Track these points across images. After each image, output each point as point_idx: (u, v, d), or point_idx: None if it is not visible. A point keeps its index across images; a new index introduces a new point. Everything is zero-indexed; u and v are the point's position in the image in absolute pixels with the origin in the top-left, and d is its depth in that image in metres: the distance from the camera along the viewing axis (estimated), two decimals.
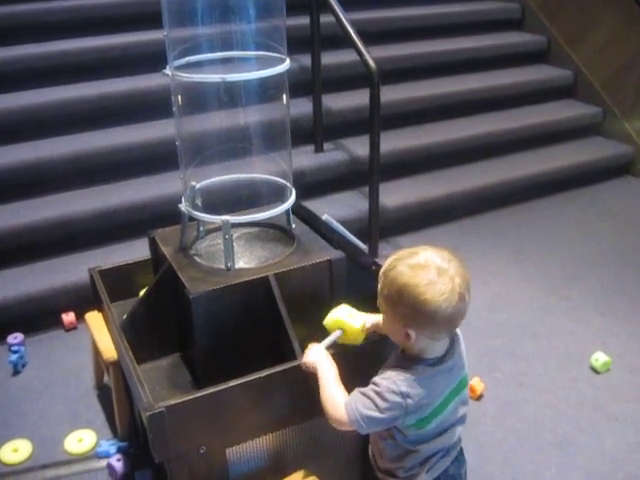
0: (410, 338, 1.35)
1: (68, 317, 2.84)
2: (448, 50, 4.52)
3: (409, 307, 1.32)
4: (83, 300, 2.63)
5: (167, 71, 1.87)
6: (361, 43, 3.04)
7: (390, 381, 1.36)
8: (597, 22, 4.54)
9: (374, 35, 4.05)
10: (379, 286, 1.39)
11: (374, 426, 1.40)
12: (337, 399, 1.44)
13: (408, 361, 1.39)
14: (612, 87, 4.54)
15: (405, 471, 1.47)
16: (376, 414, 1.36)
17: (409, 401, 1.34)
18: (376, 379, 1.39)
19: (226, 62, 2.13)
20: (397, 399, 1.34)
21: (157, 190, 3.20)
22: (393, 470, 1.49)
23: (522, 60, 4.82)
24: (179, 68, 1.91)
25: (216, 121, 2.42)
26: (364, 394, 1.39)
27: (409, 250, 1.38)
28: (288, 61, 1.91)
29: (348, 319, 1.61)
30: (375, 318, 1.62)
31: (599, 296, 3.06)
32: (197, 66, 2.03)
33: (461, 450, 1.58)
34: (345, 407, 1.40)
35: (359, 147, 3.58)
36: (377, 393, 1.36)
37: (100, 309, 2.18)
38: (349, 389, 1.46)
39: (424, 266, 1.32)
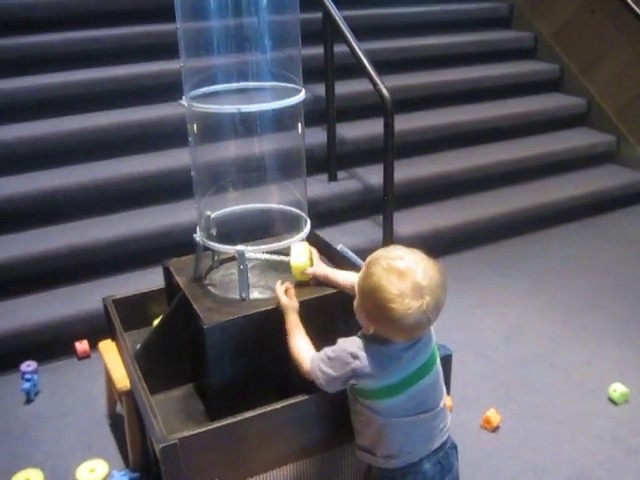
0: (369, 329, 1.46)
1: (82, 345, 2.84)
2: (462, 79, 4.54)
3: (375, 306, 1.40)
4: (97, 328, 2.62)
5: (183, 101, 1.89)
6: (375, 72, 3.05)
7: (347, 342, 1.50)
8: (610, 51, 4.56)
9: (387, 64, 4.07)
10: (361, 271, 1.48)
11: (330, 382, 1.50)
12: (304, 349, 1.60)
13: (369, 337, 1.48)
14: (626, 115, 4.54)
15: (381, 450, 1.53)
16: (329, 370, 1.49)
17: (357, 363, 1.45)
18: (339, 339, 1.52)
19: (241, 91, 2.15)
20: (347, 359, 1.46)
21: (172, 219, 3.20)
22: (370, 447, 1.56)
23: (536, 89, 4.83)
24: (195, 98, 1.93)
25: (231, 150, 2.44)
26: (325, 352, 1.53)
27: (398, 251, 1.44)
28: (303, 92, 1.92)
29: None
30: (330, 271, 1.86)
31: (616, 326, 3.03)
32: (213, 96, 2.05)
33: (447, 456, 1.59)
34: (310, 360, 1.55)
35: (373, 176, 3.58)
36: (332, 350, 1.51)
37: (114, 338, 2.18)
38: None
39: (402, 274, 1.38)
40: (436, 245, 3.57)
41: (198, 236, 1.96)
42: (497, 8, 5.28)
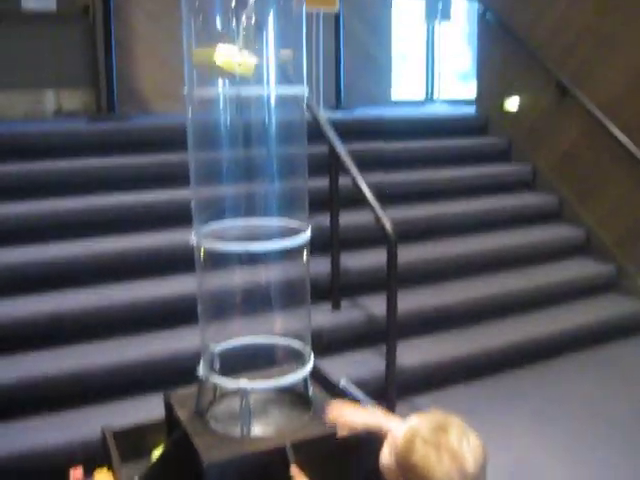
0: None
1: (76, 473, 2.75)
2: (463, 211, 4.68)
3: None
4: (94, 455, 2.56)
5: (193, 238, 1.94)
6: (378, 206, 3.16)
7: None
8: (606, 182, 4.68)
9: (391, 195, 4.20)
10: (399, 440, 1.37)
11: None
12: None
13: None
14: (625, 245, 4.61)
15: None
16: None
17: None
18: None
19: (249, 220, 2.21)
20: None
21: (175, 345, 3.20)
22: None
23: (536, 219, 4.94)
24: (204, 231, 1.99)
25: (236, 281, 2.48)
26: None
27: (441, 424, 1.36)
28: (309, 230, 1.98)
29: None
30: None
31: (622, 462, 2.95)
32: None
33: None
34: None
35: (376, 305, 3.60)
36: None
37: (110, 468, 2.14)
38: None
39: (451, 456, 1.30)
40: (440, 375, 3.55)
41: (201, 371, 1.96)
42: (496, 143, 5.50)
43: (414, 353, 3.52)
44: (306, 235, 1.95)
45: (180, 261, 3.30)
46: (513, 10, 5.32)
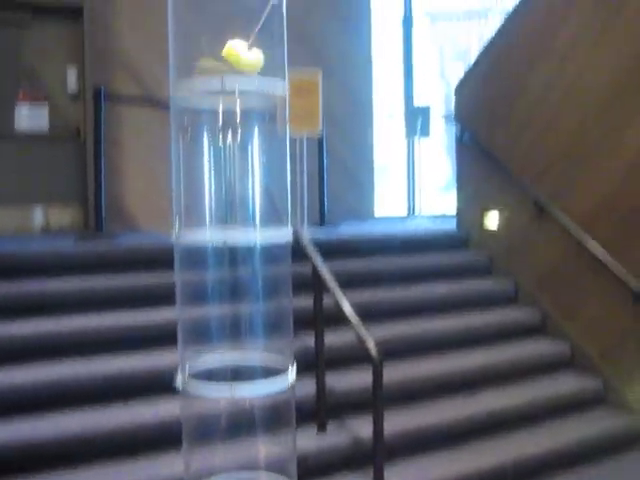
0: None
1: None
2: (446, 328, 4.70)
3: None
4: None
5: (178, 383, 1.95)
6: (362, 328, 3.19)
7: None
8: (590, 294, 4.75)
9: (374, 313, 4.23)
10: None
11: None
12: None
13: None
14: (611, 358, 4.61)
15: None
16: None
17: None
18: None
19: (235, 341, 2.24)
20: None
21: (159, 471, 3.14)
22: None
23: (518, 334, 4.97)
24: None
25: (222, 406, 2.47)
26: None
27: None
28: (294, 374, 1.99)
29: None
30: None
31: None
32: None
33: None
34: None
35: (363, 426, 3.54)
36: None
37: None
38: None
39: None
40: None
41: None
42: (477, 258, 5.63)
43: (402, 476, 3.45)
44: (291, 375, 1.97)
45: (166, 384, 3.29)
46: (490, 132, 5.56)
